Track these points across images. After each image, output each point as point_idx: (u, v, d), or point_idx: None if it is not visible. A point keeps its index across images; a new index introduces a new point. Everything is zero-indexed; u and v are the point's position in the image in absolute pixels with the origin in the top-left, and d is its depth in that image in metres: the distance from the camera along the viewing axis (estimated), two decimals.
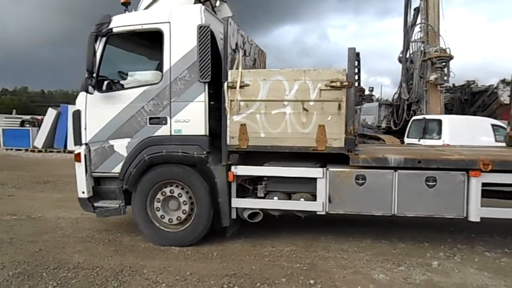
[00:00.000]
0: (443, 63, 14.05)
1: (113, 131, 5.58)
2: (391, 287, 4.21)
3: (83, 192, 5.68)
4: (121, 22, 5.57)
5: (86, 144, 5.68)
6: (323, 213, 5.12)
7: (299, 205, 5.22)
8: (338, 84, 4.88)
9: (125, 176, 5.48)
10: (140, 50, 6.59)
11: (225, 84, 5.12)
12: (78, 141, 5.75)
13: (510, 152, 5.78)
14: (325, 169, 5.07)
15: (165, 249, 5.29)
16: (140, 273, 4.57)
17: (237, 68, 5.17)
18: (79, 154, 5.66)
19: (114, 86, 5.82)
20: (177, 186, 5.44)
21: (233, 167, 5.23)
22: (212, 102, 5.36)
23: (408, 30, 16.10)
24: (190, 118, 5.31)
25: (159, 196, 5.47)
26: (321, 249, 5.30)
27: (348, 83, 4.87)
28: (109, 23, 5.56)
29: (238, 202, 5.33)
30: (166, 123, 5.39)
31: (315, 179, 5.12)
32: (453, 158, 4.89)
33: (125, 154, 5.53)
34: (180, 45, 5.32)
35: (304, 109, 4.99)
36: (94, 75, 5.43)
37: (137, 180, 5.45)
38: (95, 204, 5.66)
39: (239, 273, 4.55)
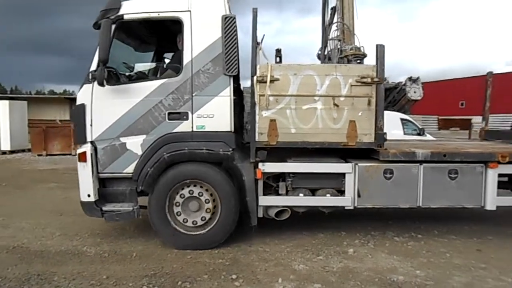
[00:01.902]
0: (358, 61, 15.00)
1: (125, 128, 5.11)
2: (310, 276, 4.37)
3: (88, 195, 5.14)
4: (133, 9, 5.11)
5: (91, 142, 5.16)
6: (352, 207, 5.18)
7: (329, 201, 5.22)
8: (369, 80, 4.97)
9: (140, 176, 5.07)
10: (152, 40, 6.14)
11: (255, 78, 4.96)
12: (82, 138, 5.20)
13: (493, 145, 6.31)
14: (354, 164, 5.12)
15: (79, 253, 5.04)
16: (50, 280, 4.27)
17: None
18: (84, 153, 5.10)
19: (124, 78, 5.35)
20: (195, 186, 5.14)
21: (260, 164, 5.08)
22: (234, 97, 5.16)
23: (326, 28, 16.87)
24: (214, 114, 5.05)
25: (178, 198, 5.13)
26: (244, 243, 5.34)
27: (379, 79, 4.97)
28: (119, 9, 5.09)
29: (266, 200, 5.19)
30: (187, 119, 5.07)
31: (343, 174, 5.16)
32: (474, 151, 5.23)
33: (140, 153, 5.11)
34: (203, 36, 5.03)
35: (335, 104, 5.00)
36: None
37: (155, 181, 5.06)
38: (104, 208, 5.16)
39: (159, 272, 4.47)
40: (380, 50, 5.00)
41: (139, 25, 5.51)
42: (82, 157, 5.12)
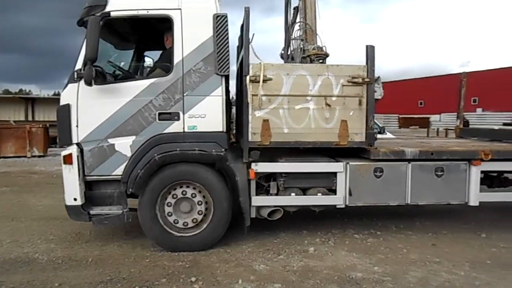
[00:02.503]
0: (320, 60, 15.31)
1: (113, 129, 4.94)
2: (271, 276, 4.38)
3: (74, 199, 4.93)
4: (121, 5, 4.93)
5: (77, 144, 4.97)
6: (343, 206, 5.25)
7: (321, 200, 5.25)
8: (360, 80, 5.05)
9: (130, 178, 4.92)
10: (133, 37, 5.96)
11: (247, 78, 4.92)
12: (66, 140, 4.99)
13: (473, 143, 6.57)
14: (345, 163, 5.19)
15: (30, 261, 4.83)
16: None
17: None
18: (70, 155, 4.90)
19: (110, 77, 5.18)
20: (188, 187, 5.06)
21: (253, 164, 5.05)
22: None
23: (288, 28, 17.11)
24: (206, 114, 4.97)
25: (169, 199, 5.02)
26: None
27: (369, 79, 5.06)
28: (105, 5, 4.91)
29: (259, 200, 5.17)
30: (178, 119, 4.96)
31: (334, 173, 5.21)
32: (459, 150, 5.43)
33: (129, 154, 4.95)
34: (194, 35, 4.94)
35: (327, 104, 5.04)
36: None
37: (145, 183, 4.93)
38: (92, 212, 4.97)
39: (115, 278, 4.35)
40: (370, 51, 5.09)
41: (123, 22, 5.34)
42: (68, 159, 4.91)
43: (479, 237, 5.64)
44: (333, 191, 5.28)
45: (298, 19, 17.09)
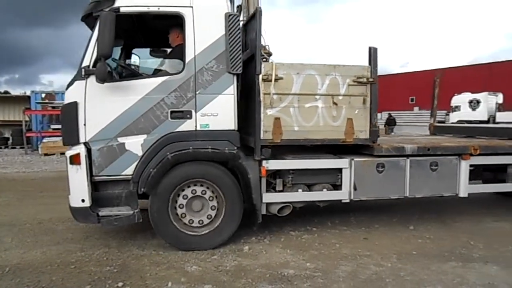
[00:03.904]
0: (264, 59, 15.77)
1: (124, 127, 4.84)
2: (202, 277, 4.32)
3: (82, 201, 4.78)
4: (131, 1, 4.83)
5: (85, 143, 4.81)
6: (348, 200, 5.47)
7: (329, 195, 5.44)
8: (365, 80, 5.29)
9: (141, 178, 4.84)
10: (144, 35, 5.82)
11: (260, 77, 5.00)
12: (73, 139, 4.82)
13: (450, 140, 7.08)
14: (350, 159, 5.41)
15: None
16: None
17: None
18: (78, 155, 4.74)
19: (116, 75, 5.05)
20: (200, 185, 5.05)
21: (264, 162, 5.14)
22: None
23: None
24: (219, 112, 4.99)
25: (182, 198, 5.01)
26: (136, 248, 5.17)
27: (373, 79, 5.32)
28: (113, 0, 4.79)
29: (269, 197, 5.26)
30: (190, 117, 4.94)
31: (339, 169, 5.42)
32: (452, 145, 5.83)
33: (140, 153, 4.87)
34: (206, 33, 4.93)
35: (334, 103, 5.25)
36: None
37: (157, 182, 4.87)
38: (101, 214, 4.83)
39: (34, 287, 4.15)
40: (373, 52, 5.35)
41: (127, 18, 5.23)
42: (76, 159, 4.75)
43: (407, 230, 5.90)
44: (337, 187, 5.49)
45: (241, 18, 17.44)
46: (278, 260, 4.74)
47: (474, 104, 29.88)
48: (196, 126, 4.96)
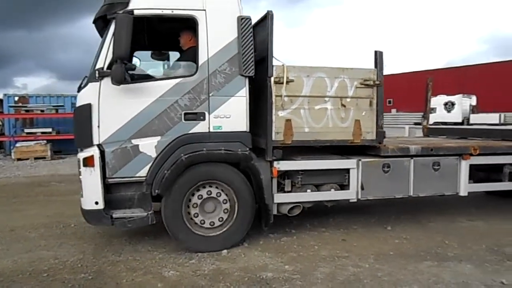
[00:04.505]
0: None
1: (138, 129, 4.85)
2: (180, 282, 4.28)
3: (96, 203, 4.77)
4: (145, 4, 4.85)
5: (98, 145, 4.80)
6: (355, 200, 5.60)
7: (337, 195, 5.56)
8: (371, 82, 5.45)
9: (155, 179, 4.85)
10: (149, 37, 5.81)
11: (272, 79, 5.09)
12: (87, 141, 4.81)
13: (449, 141, 7.32)
14: (357, 160, 5.55)
15: None
16: None
17: None
18: (92, 157, 4.73)
19: (132, 76, 5.04)
20: (212, 186, 5.11)
21: (275, 163, 5.22)
22: None
23: None
24: (231, 114, 5.05)
25: (195, 200, 5.04)
26: (112, 254, 5.08)
27: (379, 82, 5.48)
28: (127, 3, 4.80)
29: (281, 197, 5.34)
30: (204, 119, 4.99)
31: (347, 169, 5.55)
32: (454, 146, 6.06)
33: (154, 155, 4.89)
34: (219, 36, 4.99)
35: (343, 105, 5.38)
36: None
37: (171, 184, 4.89)
38: (114, 216, 4.83)
39: None
40: (379, 56, 5.51)
41: (138, 21, 5.24)
42: (90, 161, 4.73)
43: (385, 230, 5.98)
44: (344, 187, 5.62)
45: None
46: (256, 263, 4.73)
47: (449, 106, 30.73)
48: (209, 128, 5.01)
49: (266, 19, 5.12)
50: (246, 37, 5.00)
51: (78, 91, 5.07)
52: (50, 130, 17.59)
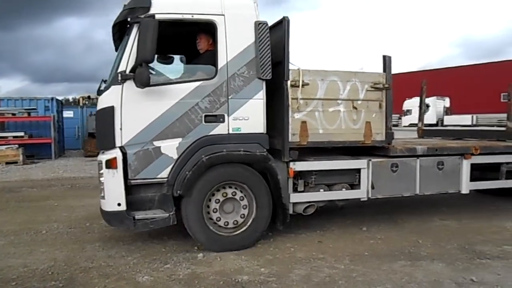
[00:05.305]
0: None
1: (159, 131, 4.93)
2: (154, 287, 4.25)
3: (119, 204, 4.82)
4: (166, 8, 4.94)
5: (120, 147, 4.85)
6: (366, 199, 5.80)
7: (349, 194, 5.75)
8: (381, 86, 5.68)
9: (177, 180, 4.94)
10: (173, 41, 5.87)
11: (288, 83, 5.25)
12: (109, 143, 4.86)
13: (448, 141, 7.64)
14: (368, 160, 5.76)
15: None
16: None
17: None
18: (114, 159, 4.78)
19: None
20: (230, 187, 5.23)
21: (291, 163, 5.38)
22: None
23: None
24: (249, 116, 5.19)
25: (215, 200, 5.15)
26: (85, 260, 4.96)
27: (388, 85, 5.71)
28: (148, 7, 4.87)
29: (296, 197, 5.50)
30: (223, 121, 5.11)
31: (357, 169, 5.76)
32: (457, 146, 6.37)
33: (176, 156, 4.97)
34: (237, 40, 5.13)
35: (354, 107, 5.59)
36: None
37: (192, 184, 4.98)
38: (137, 217, 4.88)
39: None
40: (387, 60, 5.75)
41: (171, 25, 5.28)
42: (113, 163, 4.78)
43: (360, 231, 6.05)
44: (354, 186, 5.82)
45: None
46: (232, 266, 4.72)
47: (424, 108, 31.50)
48: (228, 130, 5.13)
49: (282, 24, 5.29)
50: (263, 42, 5.14)
51: (98, 94, 5.11)
52: (22, 134, 17.23)
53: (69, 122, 22.37)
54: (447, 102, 36.66)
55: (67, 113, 22.64)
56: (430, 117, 30.46)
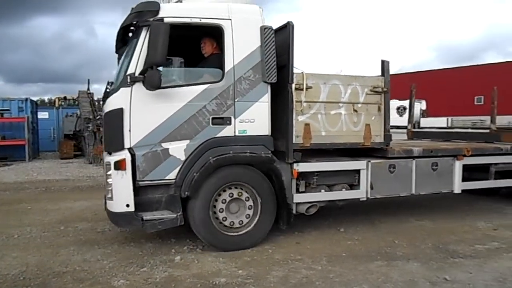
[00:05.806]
0: None
1: (168, 133, 4.99)
2: None
3: (127, 205, 4.86)
4: (174, 13, 5.02)
5: (129, 149, 4.89)
6: (365, 199, 5.98)
7: (349, 194, 5.93)
8: (380, 89, 5.88)
9: (185, 182, 5.01)
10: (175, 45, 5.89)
11: (292, 86, 5.38)
12: (118, 145, 4.90)
13: (439, 143, 7.92)
14: (367, 161, 5.94)
15: None
16: None
17: None
18: (123, 160, 4.82)
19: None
20: (236, 188, 5.32)
21: (295, 165, 5.51)
22: None
23: None
24: (255, 119, 5.30)
25: (221, 201, 5.23)
26: (58, 265, 4.85)
27: (386, 89, 5.91)
28: (157, 11, 4.93)
29: (300, 197, 5.63)
30: (230, 124, 5.21)
31: (357, 170, 5.93)
32: (450, 147, 6.63)
33: (183, 158, 5.04)
34: (243, 45, 5.24)
35: (355, 110, 5.77)
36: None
37: (200, 185, 5.06)
38: (145, 218, 4.92)
39: None
40: (386, 65, 5.95)
41: (179, 29, 5.33)
42: (121, 165, 4.82)
43: (338, 232, 6.11)
44: (354, 186, 5.99)
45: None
46: (210, 269, 4.71)
47: (401, 111, 32.08)
48: (235, 132, 5.23)
49: (286, 29, 5.42)
50: (269, 46, 5.26)
51: (105, 96, 5.13)
52: None
53: (44, 123, 22.12)
54: (423, 104, 37.36)
55: (42, 114, 22.37)
56: (407, 119, 30.93)
